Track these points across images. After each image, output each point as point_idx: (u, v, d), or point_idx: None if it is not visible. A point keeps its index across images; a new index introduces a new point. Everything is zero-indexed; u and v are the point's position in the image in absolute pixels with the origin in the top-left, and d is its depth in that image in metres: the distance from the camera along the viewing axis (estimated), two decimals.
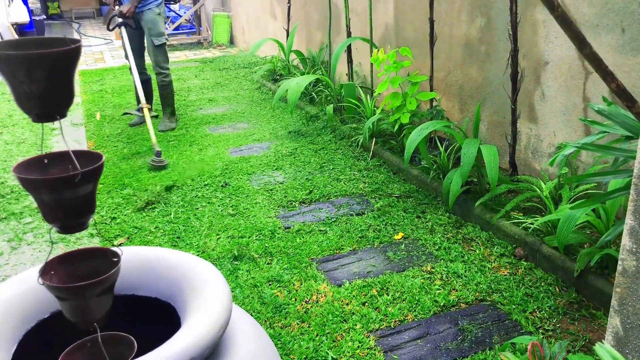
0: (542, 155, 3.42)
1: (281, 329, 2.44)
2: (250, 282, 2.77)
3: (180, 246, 3.16)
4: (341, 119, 5.06)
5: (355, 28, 5.42)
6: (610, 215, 2.58)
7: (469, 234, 3.16)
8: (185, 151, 4.69)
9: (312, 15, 6.62)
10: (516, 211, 3.13)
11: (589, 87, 3.03)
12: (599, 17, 2.88)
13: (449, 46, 4.11)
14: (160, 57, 5.14)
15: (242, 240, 3.16)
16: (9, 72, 1.03)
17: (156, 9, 5.03)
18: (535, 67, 3.36)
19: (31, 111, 1.09)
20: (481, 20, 3.75)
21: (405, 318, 2.49)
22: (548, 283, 2.68)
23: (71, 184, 1.12)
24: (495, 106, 3.75)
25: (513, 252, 2.94)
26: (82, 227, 1.25)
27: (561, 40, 3.15)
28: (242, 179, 4.05)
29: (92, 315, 1.23)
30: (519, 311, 2.50)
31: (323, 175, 4.05)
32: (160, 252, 1.47)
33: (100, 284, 1.19)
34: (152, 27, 5.01)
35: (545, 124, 3.36)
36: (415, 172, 3.82)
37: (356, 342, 2.33)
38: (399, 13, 4.77)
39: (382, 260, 2.95)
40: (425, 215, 3.41)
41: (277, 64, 6.76)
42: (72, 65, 1.08)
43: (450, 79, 4.18)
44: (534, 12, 3.30)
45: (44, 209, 1.19)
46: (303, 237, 3.19)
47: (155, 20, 5.03)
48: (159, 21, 5.07)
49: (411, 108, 3.94)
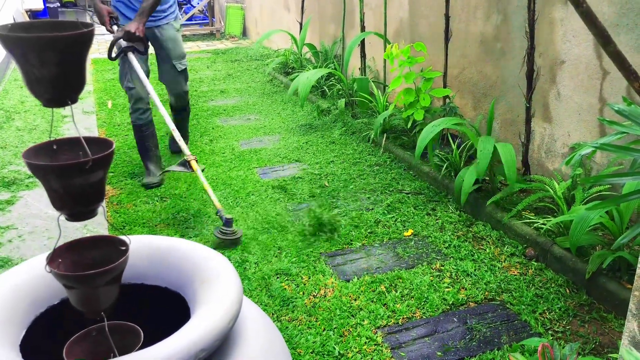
0: (556, 155, 3.38)
1: (288, 322, 2.42)
2: (258, 274, 2.76)
3: (190, 236, 3.15)
4: (353, 114, 5.03)
5: (369, 22, 5.38)
6: (624, 217, 2.54)
7: (479, 232, 3.13)
8: (196, 142, 4.68)
9: (326, 8, 6.58)
10: (527, 211, 3.10)
11: (605, 87, 2.98)
12: (618, 17, 2.83)
13: (464, 43, 4.07)
14: (184, 83, 4.03)
15: (250, 232, 3.15)
16: (20, 55, 1.01)
17: (175, 24, 3.91)
18: (552, 65, 3.31)
19: (42, 96, 1.08)
20: (497, 17, 3.71)
21: (414, 315, 2.47)
22: (558, 284, 2.65)
23: (81, 170, 1.11)
24: (509, 104, 3.71)
25: (524, 252, 2.90)
26: (91, 215, 1.23)
27: (579, 40, 3.10)
28: (251, 171, 4.04)
29: (98, 304, 1.22)
30: (529, 312, 2.47)
31: (333, 170, 4.03)
32: (172, 241, 1.46)
33: (107, 273, 1.18)
34: (174, 47, 3.86)
35: (560, 123, 3.31)
36: (427, 168, 3.79)
37: (363, 338, 2.31)
38: (413, 8, 4.72)
39: (391, 257, 2.93)
40: (435, 212, 3.38)
41: (290, 57, 6.74)
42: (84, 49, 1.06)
43: (464, 75, 4.14)
44: (551, 10, 3.25)
45: (53, 195, 1.18)
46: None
47: (177, 38, 3.90)
48: (180, 39, 3.97)
49: (425, 104, 3.90)
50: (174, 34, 3.87)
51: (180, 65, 3.91)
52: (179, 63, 3.89)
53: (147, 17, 3.49)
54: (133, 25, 3.41)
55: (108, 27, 3.58)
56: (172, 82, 3.97)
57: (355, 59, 5.51)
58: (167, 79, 3.96)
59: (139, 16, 3.45)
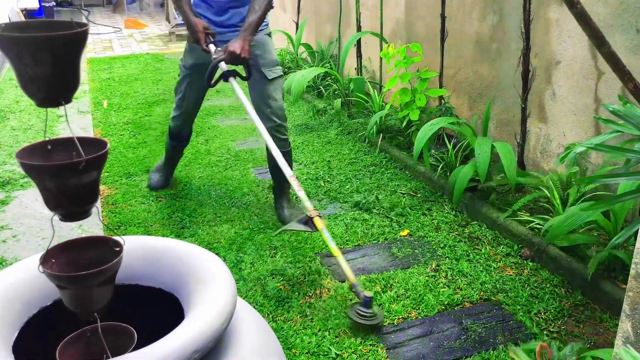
0: (551, 155, 3.38)
1: (284, 322, 2.42)
2: (253, 274, 2.75)
3: (185, 236, 3.14)
4: (349, 114, 5.03)
5: (365, 22, 5.38)
6: (619, 217, 2.54)
7: (474, 232, 3.13)
8: (192, 141, 4.66)
9: (322, 8, 6.58)
10: (523, 211, 3.10)
11: (600, 87, 2.99)
12: (613, 17, 2.84)
13: (459, 43, 4.07)
14: (279, 98, 3.22)
15: (246, 233, 3.14)
16: (14, 55, 1.01)
17: (266, 29, 3.20)
18: (547, 66, 3.31)
19: (35, 95, 1.07)
20: (493, 18, 3.71)
21: (409, 315, 2.47)
22: (554, 284, 2.65)
23: (75, 171, 1.11)
24: (505, 105, 3.71)
25: (519, 252, 2.91)
26: (85, 215, 1.23)
27: (574, 40, 3.11)
28: (247, 171, 4.03)
29: (92, 305, 1.21)
30: (524, 312, 2.47)
31: (329, 169, 4.03)
32: (167, 242, 1.45)
33: (101, 274, 1.18)
34: (264, 53, 3.13)
35: (555, 124, 3.32)
36: (422, 168, 3.79)
37: (359, 338, 2.31)
38: (410, 8, 4.72)
39: (387, 257, 2.93)
40: (431, 212, 3.39)
41: (286, 57, 6.73)
42: (79, 49, 1.06)
43: (460, 76, 4.14)
44: (547, 10, 3.26)
45: (46, 196, 1.17)
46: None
47: (268, 43, 3.19)
48: (272, 45, 3.25)
49: (420, 104, 3.91)
50: (265, 39, 3.18)
51: (272, 73, 3.16)
52: (270, 70, 3.15)
53: (254, 34, 2.92)
54: (237, 45, 2.83)
55: (203, 47, 2.97)
56: (260, 94, 3.16)
57: (352, 59, 5.50)
58: (257, 94, 3.18)
59: (244, 32, 2.86)
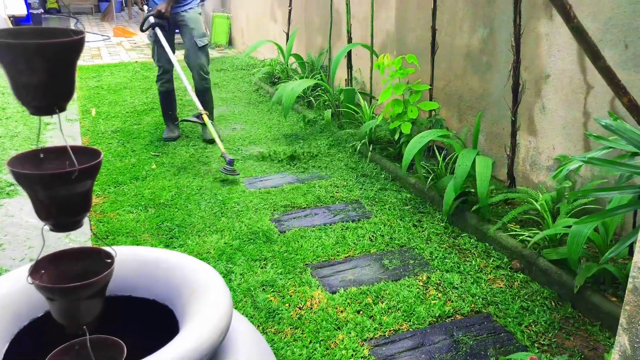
0: (541, 168, 3.41)
1: (274, 334, 2.40)
2: (243, 286, 2.73)
3: (174, 246, 3.11)
4: (339, 124, 5.03)
5: (356, 34, 5.40)
6: (609, 230, 2.56)
7: (465, 244, 3.14)
8: (181, 151, 4.64)
9: (313, 19, 6.60)
10: (513, 223, 3.11)
11: (589, 101, 3.02)
12: (602, 32, 2.87)
13: (450, 56, 4.10)
14: (204, 60, 4.86)
15: (235, 243, 3.12)
16: (9, 62, 0.99)
17: (197, 9, 4.80)
18: (537, 79, 3.34)
19: (29, 103, 1.05)
20: (483, 31, 3.74)
21: (400, 328, 2.46)
22: (544, 297, 2.66)
23: (68, 180, 1.09)
24: (495, 117, 3.73)
25: (509, 265, 2.91)
26: (76, 226, 1.21)
27: (563, 54, 3.14)
28: (236, 181, 4.01)
29: (81, 318, 1.19)
30: (515, 324, 2.47)
31: (319, 180, 4.02)
32: (160, 253, 1.43)
33: (91, 286, 1.16)
34: (195, 27, 4.74)
35: (545, 136, 3.34)
36: (413, 180, 3.80)
37: (350, 351, 2.29)
38: (400, 21, 4.75)
39: (378, 269, 2.92)
40: (421, 224, 3.39)
41: (276, 67, 6.73)
42: (75, 57, 1.04)
43: (450, 88, 4.16)
44: (537, 24, 3.29)
45: (38, 205, 1.15)
46: (298, 242, 3.15)
47: (198, 19, 4.78)
48: (201, 21, 4.83)
49: (412, 116, 3.92)
50: (195, 16, 4.75)
51: (201, 42, 4.75)
52: (199, 40, 4.74)
53: (174, 2, 4.56)
54: (163, 6, 4.52)
55: (140, 6, 4.63)
56: (193, 57, 4.79)
57: (342, 70, 5.52)
58: (190, 55, 4.80)
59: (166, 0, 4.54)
